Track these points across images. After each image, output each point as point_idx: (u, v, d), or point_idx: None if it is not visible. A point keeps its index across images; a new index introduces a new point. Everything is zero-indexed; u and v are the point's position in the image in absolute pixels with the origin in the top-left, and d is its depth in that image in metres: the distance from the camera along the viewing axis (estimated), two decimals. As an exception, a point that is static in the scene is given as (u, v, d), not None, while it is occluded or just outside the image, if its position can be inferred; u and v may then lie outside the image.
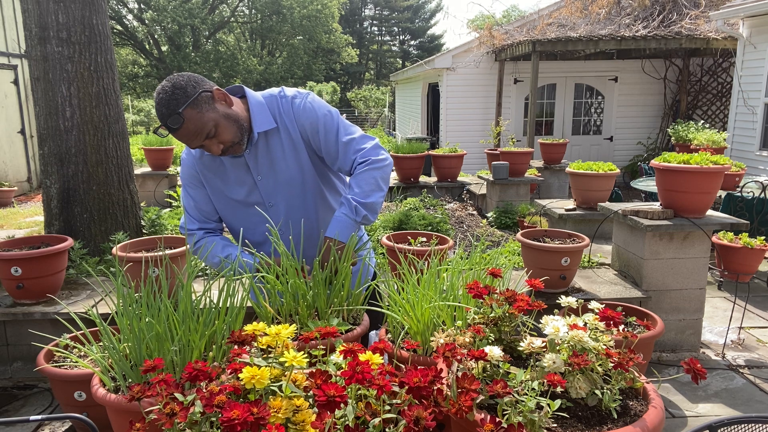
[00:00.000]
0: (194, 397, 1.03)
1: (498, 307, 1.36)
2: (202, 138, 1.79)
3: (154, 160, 7.62)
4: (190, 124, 1.75)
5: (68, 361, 2.42)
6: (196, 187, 2.04)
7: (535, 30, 11.32)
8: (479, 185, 7.80)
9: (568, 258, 3.29)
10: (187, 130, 1.76)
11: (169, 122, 1.73)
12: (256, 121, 1.91)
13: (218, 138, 1.81)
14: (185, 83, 1.76)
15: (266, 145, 1.95)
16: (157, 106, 1.76)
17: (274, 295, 1.73)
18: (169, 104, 1.73)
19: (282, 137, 1.96)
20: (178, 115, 1.73)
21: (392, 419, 1.01)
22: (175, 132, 1.76)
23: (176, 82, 1.76)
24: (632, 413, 1.12)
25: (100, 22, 4.01)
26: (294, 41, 33.52)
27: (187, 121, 1.74)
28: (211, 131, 1.79)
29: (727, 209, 4.98)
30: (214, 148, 1.83)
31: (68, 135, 3.97)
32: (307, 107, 1.96)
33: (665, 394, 3.05)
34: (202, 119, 1.76)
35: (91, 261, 3.83)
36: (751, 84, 8.52)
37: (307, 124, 1.96)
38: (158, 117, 1.76)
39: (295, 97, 1.98)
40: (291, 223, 2.01)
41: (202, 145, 1.82)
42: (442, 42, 44.15)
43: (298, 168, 1.98)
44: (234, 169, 1.98)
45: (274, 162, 1.97)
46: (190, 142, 1.80)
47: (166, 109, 1.74)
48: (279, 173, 1.98)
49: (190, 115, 1.74)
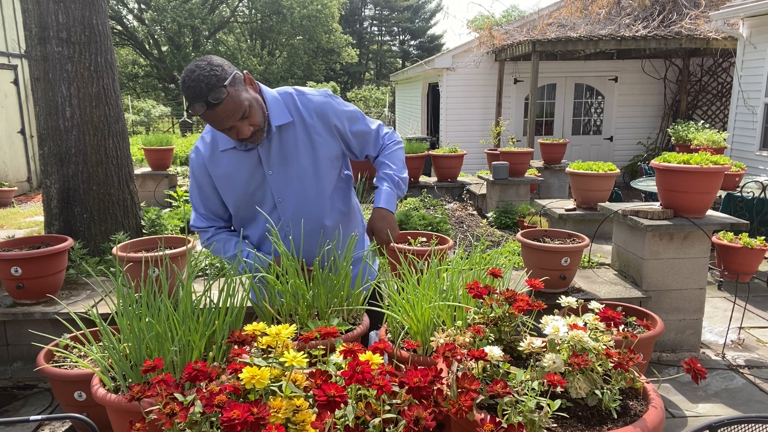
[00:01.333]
0: (194, 397, 1.03)
1: (498, 307, 1.36)
2: (238, 117, 1.77)
3: (154, 160, 7.62)
4: (230, 101, 1.73)
5: (68, 361, 2.42)
6: (206, 185, 2.04)
7: (535, 30, 11.32)
8: (479, 185, 7.80)
9: (568, 258, 3.29)
10: (226, 107, 1.73)
11: (211, 97, 1.69)
12: (273, 114, 1.93)
13: (250, 120, 1.81)
14: (221, 62, 1.75)
15: (279, 140, 1.97)
16: (194, 82, 1.69)
17: (274, 295, 1.73)
18: (209, 80, 1.69)
19: (297, 132, 1.97)
20: (223, 88, 1.70)
21: (392, 419, 1.01)
22: (214, 108, 1.72)
23: (211, 61, 1.75)
24: (632, 413, 1.12)
25: (100, 22, 4.01)
26: (294, 41, 33.51)
27: (227, 97, 1.72)
28: (246, 111, 1.78)
29: (727, 209, 4.98)
30: (245, 129, 1.81)
31: (68, 135, 3.97)
32: (330, 102, 2.02)
33: (665, 394, 3.05)
34: (239, 98, 1.76)
35: (91, 261, 3.83)
36: (751, 84, 8.52)
37: (332, 116, 2.00)
38: (194, 95, 1.70)
39: (315, 95, 2.02)
40: (299, 219, 2.02)
41: (232, 127, 1.79)
42: (442, 42, 44.14)
43: (311, 163, 1.99)
44: (245, 164, 1.98)
45: (286, 157, 1.98)
46: (224, 121, 1.76)
47: (205, 84, 1.69)
48: (291, 168, 1.98)
49: (231, 92, 1.73)
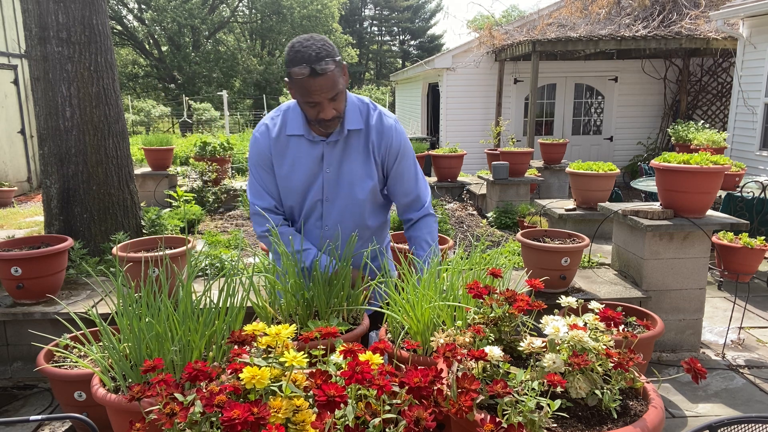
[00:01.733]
0: (194, 397, 1.03)
1: (498, 307, 1.36)
2: (328, 96, 1.82)
3: (154, 160, 7.61)
4: (331, 77, 1.79)
5: (68, 361, 2.42)
6: (266, 169, 2.07)
7: (535, 30, 11.32)
8: (479, 185, 7.80)
9: (568, 258, 3.29)
10: (325, 81, 1.78)
11: (318, 66, 1.75)
12: (348, 117, 1.99)
13: (336, 104, 1.87)
14: (332, 43, 1.84)
15: (346, 143, 2.02)
16: (305, 48, 1.76)
17: (273, 295, 1.73)
18: (321, 51, 1.77)
19: (362, 141, 2.03)
20: (332, 62, 1.78)
21: (392, 419, 1.01)
22: (315, 77, 1.77)
23: (325, 38, 1.83)
24: (632, 413, 1.12)
25: (100, 22, 4.01)
26: (294, 41, 33.46)
27: (330, 73, 1.78)
28: (338, 94, 1.85)
29: (727, 209, 4.98)
30: (329, 110, 1.86)
31: (68, 135, 3.97)
32: (396, 129, 2.07)
33: (665, 394, 3.05)
34: (338, 79, 1.83)
35: (91, 261, 3.83)
36: (751, 84, 8.52)
37: (390, 143, 2.05)
38: (302, 58, 1.76)
39: (388, 117, 2.07)
40: (340, 221, 2.07)
41: (318, 103, 1.84)
42: (442, 42, 44.13)
43: (365, 173, 2.05)
44: (307, 155, 2.02)
45: (346, 161, 2.03)
46: (316, 93, 1.81)
47: (316, 53, 1.75)
48: (346, 173, 2.03)
49: (334, 70, 1.80)
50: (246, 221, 6.84)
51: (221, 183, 7.87)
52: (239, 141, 14.90)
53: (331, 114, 1.87)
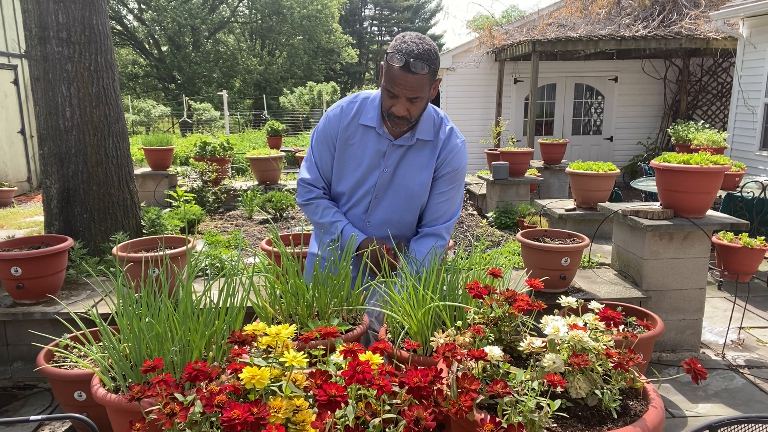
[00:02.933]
0: (194, 397, 1.03)
1: (498, 307, 1.36)
2: (409, 95, 1.89)
3: (154, 160, 7.61)
4: (420, 80, 1.87)
5: (68, 361, 2.42)
6: (327, 147, 2.13)
7: (535, 30, 11.32)
8: (479, 185, 7.79)
9: (568, 258, 3.29)
10: (414, 81, 1.86)
11: (414, 65, 1.83)
12: (421, 127, 2.06)
13: (412, 106, 1.93)
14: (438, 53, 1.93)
15: (410, 150, 2.08)
16: (413, 44, 1.85)
17: (273, 295, 1.73)
18: (425, 54, 1.85)
19: (425, 152, 2.08)
20: (428, 67, 1.85)
21: (392, 419, 1.01)
22: (406, 72, 1.84)
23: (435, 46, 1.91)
24: (632, 413, 1.12)
25: (100, 22, 4.01)
26: (294, 41, 33.49)
27: (422, 76, 1.87)
28: (418, 99, 1.92)
29: (727, 209, 4.98)
30: (401, 108, 1.93)
31: (68, 135, 3.97)
32: (460, 150, 2.14)
33: (665, 394, 3.05)
34: (425, 86, 1.91)
35: (91, 261, 3.83)
36: (751, 84, 8.52)
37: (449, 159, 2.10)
38: (404, 50, 1.84)
39: (457, 135, 2.15)
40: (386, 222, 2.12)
41: (397, 96, 1.90)
42: (442, 42, 44.16)
43: (418, 184, 2.09)
44: (371, 148, 2.07)
45: (404, 166, 2.08)
46: (401, 88, 1.88)
47: (419, 53, 1.84)
48: (400, 177, 2.08)
49: (426, 76, 1.88)
50: (246, 221, 6.84)
51: (221, 183, 7.87)
52: (239, 141, 14.92)
53: (402, 112, 1.93)
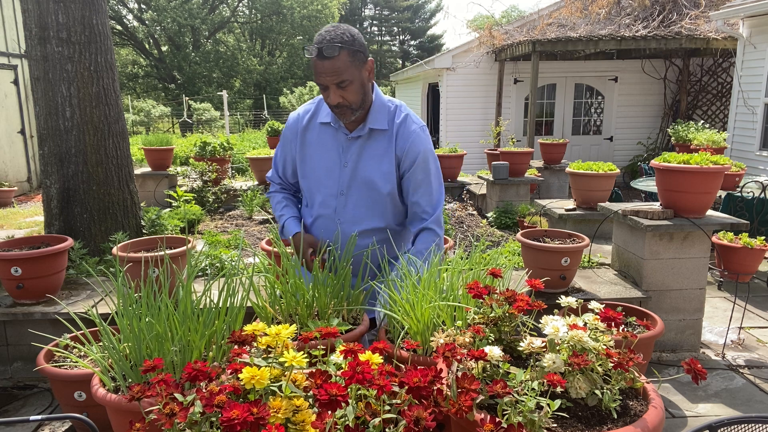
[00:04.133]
0: (194, 397, 1.03)
1: (498, 307, 1.36)
2: (334, 81, 1.89)
3: (154, 160, 7.61)
4: (337, 64, 1.86)
5: (68, 361, 2.42)
6: (290, 148, 2.18)
7: (535, 30, 11.32)
8: (479, 185, 7.80)
9: (568, 258, 3.29)
10: (331, 66, 1.86)
11: (325, 49, 1.84)
12: (373, 116, 2.04)
13: (344, 92, 1.92)
14: (357, 35, 1.93)
15: (368, 141, 2.07)
16: (324, 32, 1.89)
17: (274, 295, 1.73)
18: (335, 37, 1.86)
19: (384, 142, 2.06)
20: (338, 47, 1.85)
21: (392, 419, 1.01)
22: (322, 60, 1.86)
23: (351, 29, 1.93)
24: (632, 413, 1.12)
25: (100, 22, 4.01)
26: (294, 41, 33.50)
27: (337, 59, 1.86)
28: (345, 82, 1.90)
29: (727, 209, 4.98)
30: (334, 96, 1.92)
31: (68, 135, 3.97)
32: (418, 135, 2.08)
33: (665, 394, 3.05)
34: (347, 68, 1.88)
35: (91, 261, 3.83)
36: (751, 84, 8.52)
37: (408, 147, 2.06)
38: (316, 39, 1.88)
39: (414, 121, 2.10)
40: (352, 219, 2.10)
41: (327, 87, 1.91)
42: (442, 42, 44.11)
43: (380, 175, 2.07)
44: (332, 145, 2.09)
45: (364, 158, 2.07)
46: (324, 76, 1.89)
47: (329, 37, 1.86)
48: (361, 170, 2.07)
49: (343, 57, 1.87)
50: (246, 221, 6.84)
51: (221, 183, 7.86)
52: (239, 141, 14.91)
53: (337, 99, 1.92)
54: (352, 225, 2.08)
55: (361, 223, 2.08)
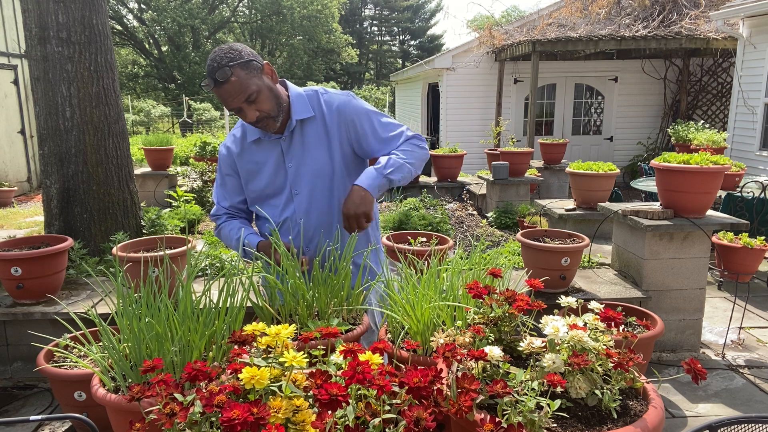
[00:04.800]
0: (194, 397, 1.03)
1: (498, 307, 1.36)
2: (242, 99, 1.86)
3: (154, 160, 7.61)
4: (236, 82, 1.83)
5: (68, 362, 2.42)
6: (231, 175, 2.15)
7: (535, 30, 11.32)
8: (479, 185, 7.80)
9: (568, 258, 3.29)
10: (232, 87, 1.83)
11: (218, 75, 1.80)
12: (295, 109, 2.01)
13: (257, 105, 1.89)
14: (242, 48, 1.88)
15: (301, 134, 2.04)
16: (209, 60, 1.84)
17: (275, 295, 1.73)
18: (222, 59, 1.82)
19: (318, 127, 2.04)
20: (228, 68, 1.81)
21: (392, 419, 1.01)
22: (220, 86, 1.83)
23: (234, 45, 1.88)
24: (632, 413, 1.12)
25: (100, 22, 4.01)
26: (294, 41, 33.49)
27: (234, 78, 1.82)
28: (252, 95, 1.86)
29: (727, 209, 4.98)
30: (250, 113, 1.89)
31: (68, 135, 3.97)
32: (351, 100, 2.07)
33: (665, 394, 3.05)
34: (248, 81, 1.85)
35: (91, 261, 3.83)
36: (751, 84, 8.52)
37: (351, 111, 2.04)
38: (208, 71, 1.84)
39: (339, 92, 2.09)
40: (310, 213, 2.07)
41: (240, 108, 1.88)
42: (442, 42, 44.13)
43: (328, 159, 2.05)
44: (271, 155, 2.06)
45: (306, 150, 2.04)
46: (231, 100, 1.86)
47: (216, 63, 1.82)
48: (309, 162, 2.05)
49: (238, 74, 1.83)
50: (246, 221, 6.83)
51: (221, 183, 7.85)
52: (239, 141, 14.87)
53: (254, 116, 1.90)
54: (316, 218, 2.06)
55: (322, 214, 2.06)
